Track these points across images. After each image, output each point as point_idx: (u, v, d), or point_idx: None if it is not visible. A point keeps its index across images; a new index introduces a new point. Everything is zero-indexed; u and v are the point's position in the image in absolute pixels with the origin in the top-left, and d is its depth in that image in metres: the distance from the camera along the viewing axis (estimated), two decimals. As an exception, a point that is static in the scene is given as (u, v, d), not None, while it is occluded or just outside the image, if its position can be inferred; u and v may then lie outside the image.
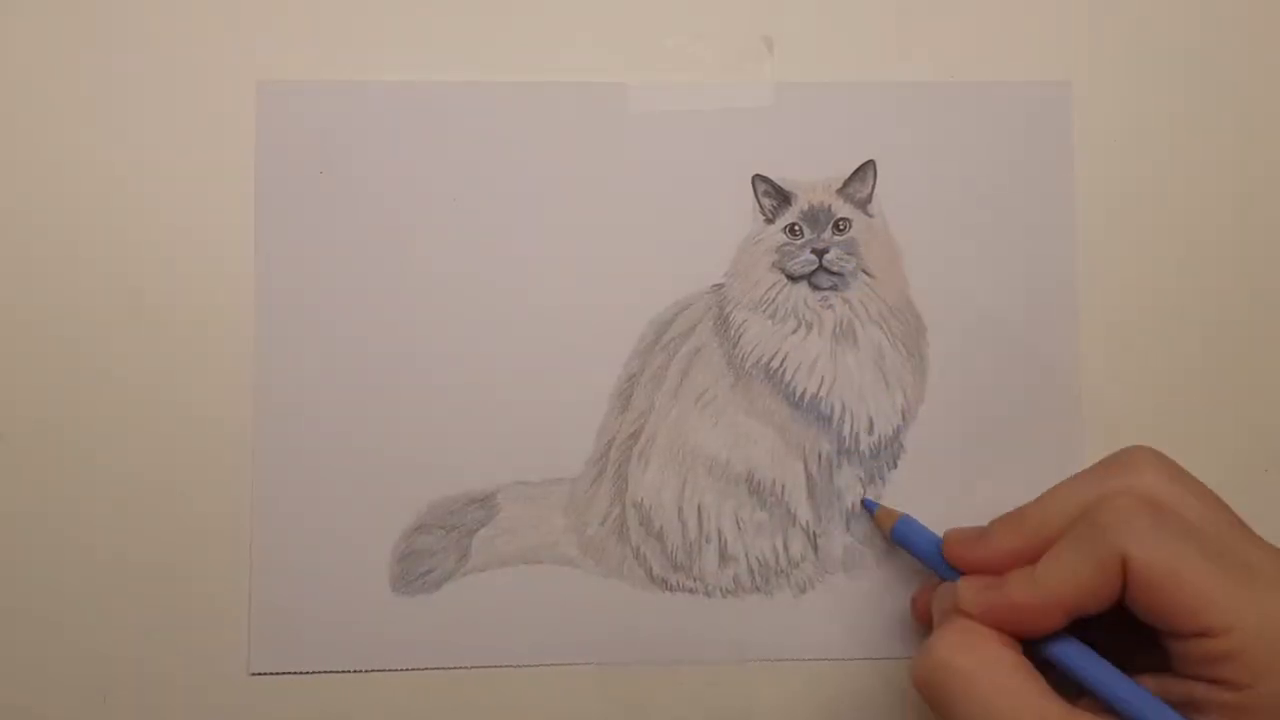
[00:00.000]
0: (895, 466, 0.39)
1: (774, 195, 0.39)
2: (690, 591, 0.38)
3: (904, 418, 0.39)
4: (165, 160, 0.39)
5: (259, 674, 0.37)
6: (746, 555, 0.38)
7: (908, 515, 0.37)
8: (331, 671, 0.37)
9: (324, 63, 0.39)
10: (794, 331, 0.39)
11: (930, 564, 0.36)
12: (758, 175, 0.39)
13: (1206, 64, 0.40)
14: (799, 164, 0.39)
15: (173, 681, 0.37)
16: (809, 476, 0.38)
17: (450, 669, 0.38)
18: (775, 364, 0.39)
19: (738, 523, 0.38)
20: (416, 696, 0.38)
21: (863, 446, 0.38)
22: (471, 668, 0.38)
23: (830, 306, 0.39)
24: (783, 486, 0.38)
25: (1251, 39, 0.40)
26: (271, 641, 0.37)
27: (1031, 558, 0.31)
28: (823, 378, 0.39)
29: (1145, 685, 0.30)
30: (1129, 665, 0.31)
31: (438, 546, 0.38)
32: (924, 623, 0.36)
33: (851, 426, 0.38)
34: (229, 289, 0.38)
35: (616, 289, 0.39)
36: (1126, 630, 0.31)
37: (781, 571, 0.38)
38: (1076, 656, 0.31)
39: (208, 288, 0.38)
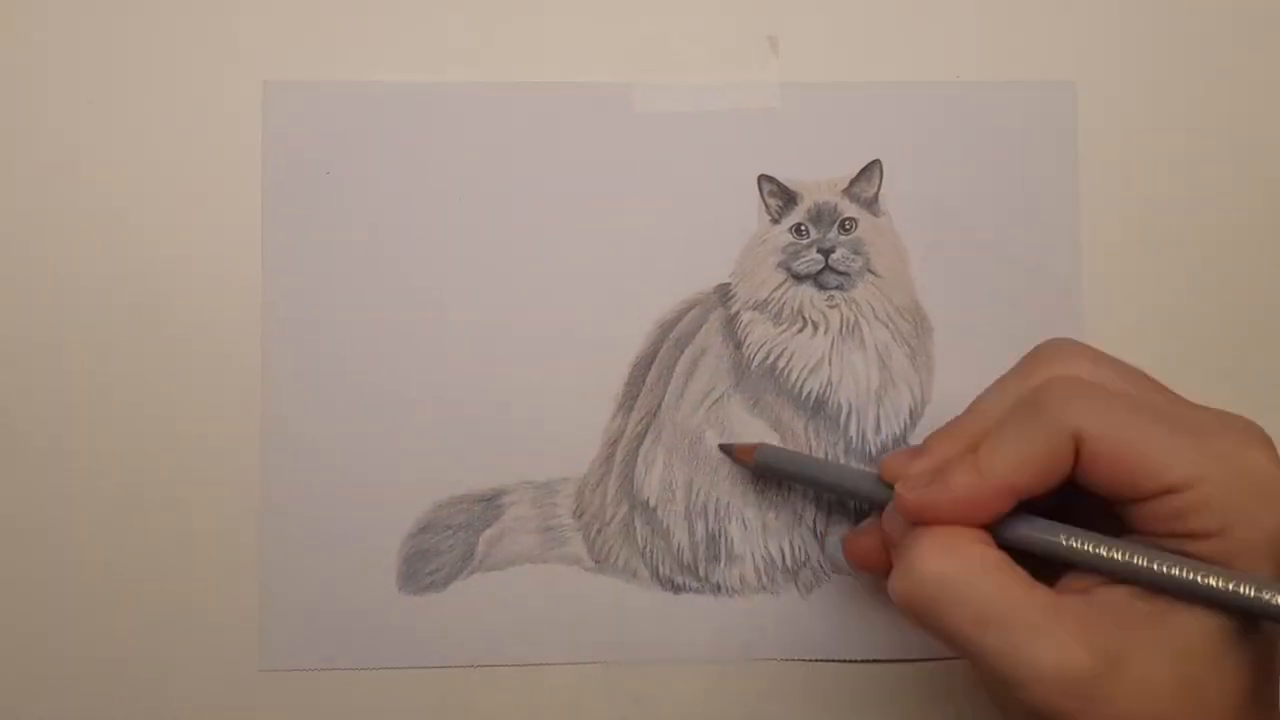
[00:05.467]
0: (901, 466, 0.39)
1: (780, 195, 0.39)
2: (696, 591, 0.38)
3: (911, 418, 0.39)
4: (171, 160, 0.39)
5: (267, 671, 0.38)
6: (753, 555, 0.38)
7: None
8: (339, 669, 0.38)
9: (330, 63, 0.39)
10: (800, 331, 0.39)
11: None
12: (763, 175, 0.39)
13: (1211, 63, 0.40)
14: (804, 164, 0.39)
15: (181, 678, 0.38)
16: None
17: (457, 667, 0.38)
18: (781, 364, 0.39)
19: (744, 523, 0.39)
20: (424, 694, 0.38)
21: (869, 447, 0.39)
22: (477, 666, 0.38)
23: (836, 306, 0.39)
24: (789, 486, 0.38)
25: (1256, 38, 0.40)
26: (280, 639, 0.38)
27: None
28: (828, 378, 0.39)
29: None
30: None
31: (444, 546, 0.38)
32: (859, 562, 0.35)
33: (858, 426, 0.39)
34: (235, 289, 0.38)
35: (622, 289, 0.39)
36: (1065, 509, 0.31)
37: (788, 571, 0.38)
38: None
39: (213, 287, 0.38)
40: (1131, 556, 0.29)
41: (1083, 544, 0.29)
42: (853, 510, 0.38)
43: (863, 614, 0.38)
